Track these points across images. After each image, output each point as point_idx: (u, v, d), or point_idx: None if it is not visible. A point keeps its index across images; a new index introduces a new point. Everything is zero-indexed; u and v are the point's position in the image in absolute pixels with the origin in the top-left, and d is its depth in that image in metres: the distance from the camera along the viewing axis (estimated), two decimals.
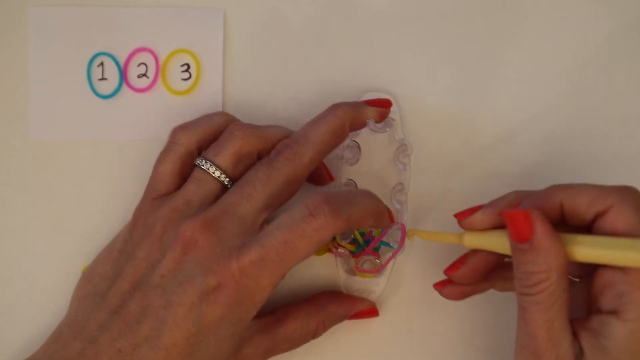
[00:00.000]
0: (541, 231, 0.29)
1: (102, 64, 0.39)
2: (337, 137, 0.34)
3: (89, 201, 0.39)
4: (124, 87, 0.39)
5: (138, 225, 0.34)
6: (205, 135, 0.35)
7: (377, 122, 0.36)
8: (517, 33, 0.39)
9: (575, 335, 0.29)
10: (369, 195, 0.33)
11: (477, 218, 0.32)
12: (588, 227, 0.30)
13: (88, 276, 0.34)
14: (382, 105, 0.36)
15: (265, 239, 0.31)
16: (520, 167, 0.39)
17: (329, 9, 0.39)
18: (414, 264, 0.38)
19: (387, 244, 0.36)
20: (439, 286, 0.35)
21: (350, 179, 0.38)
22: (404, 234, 0.36)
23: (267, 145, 0.34)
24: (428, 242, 0.38)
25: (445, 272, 0.34)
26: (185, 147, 0.34)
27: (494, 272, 0.34)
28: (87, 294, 0.33)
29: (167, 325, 0.30)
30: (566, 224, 0.31)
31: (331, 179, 0.38)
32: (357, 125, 0.35)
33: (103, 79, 0.39)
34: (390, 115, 0.37)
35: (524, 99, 0.39)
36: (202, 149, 0.35)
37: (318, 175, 0.38)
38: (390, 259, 0.36)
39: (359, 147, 0.38)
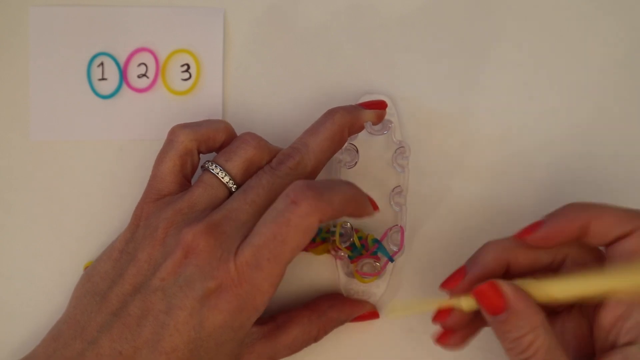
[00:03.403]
0: (513, 297, 0.29)
1: (102, 64, 0.39)
2: (337, 143, 0.34)
3: (89, 201, 0.39)
4: (124, 87, 0.39)
5: (140, 226, 0.33)
6: (204, 136, 0.34)
7: (374, 124, 0.36)
8: (517, 33, 0.39)
9: None
10: (348, 183, 0.32)
11: (462, 288, 0.32)
12: (605, 247, 0.30)
13: (88, 275, 0.34)
14: (378, 107, 0.36)
15: (254, 238, 0.30)
16: (520, 167, 0.39)
17: (329, 10, 0.39)
18: (414, 265, 0.38)
19: (385, 252, 0.36)
20: (442, 342, 0.34)
21: None
22: (402, 236, 0.36)
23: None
24: (427, 244, 0.38)
25: (435, 321, 0.33)
26: (184, 145, 0.34)
27: None
28: (86, 293, 0.33)
29: (167, 330, 0.30)
30: (579, 244, 0.31)
31: None
32: (356, 129, 0.35)
33: (103, 79, 0.39)
34: (388, 117, 0.37)
35: (522, 100, 0.39)
36: (200, 149, 0.34)
37: None
38: (388, 261, 0.36)
39: (356, 150, 0.37)
